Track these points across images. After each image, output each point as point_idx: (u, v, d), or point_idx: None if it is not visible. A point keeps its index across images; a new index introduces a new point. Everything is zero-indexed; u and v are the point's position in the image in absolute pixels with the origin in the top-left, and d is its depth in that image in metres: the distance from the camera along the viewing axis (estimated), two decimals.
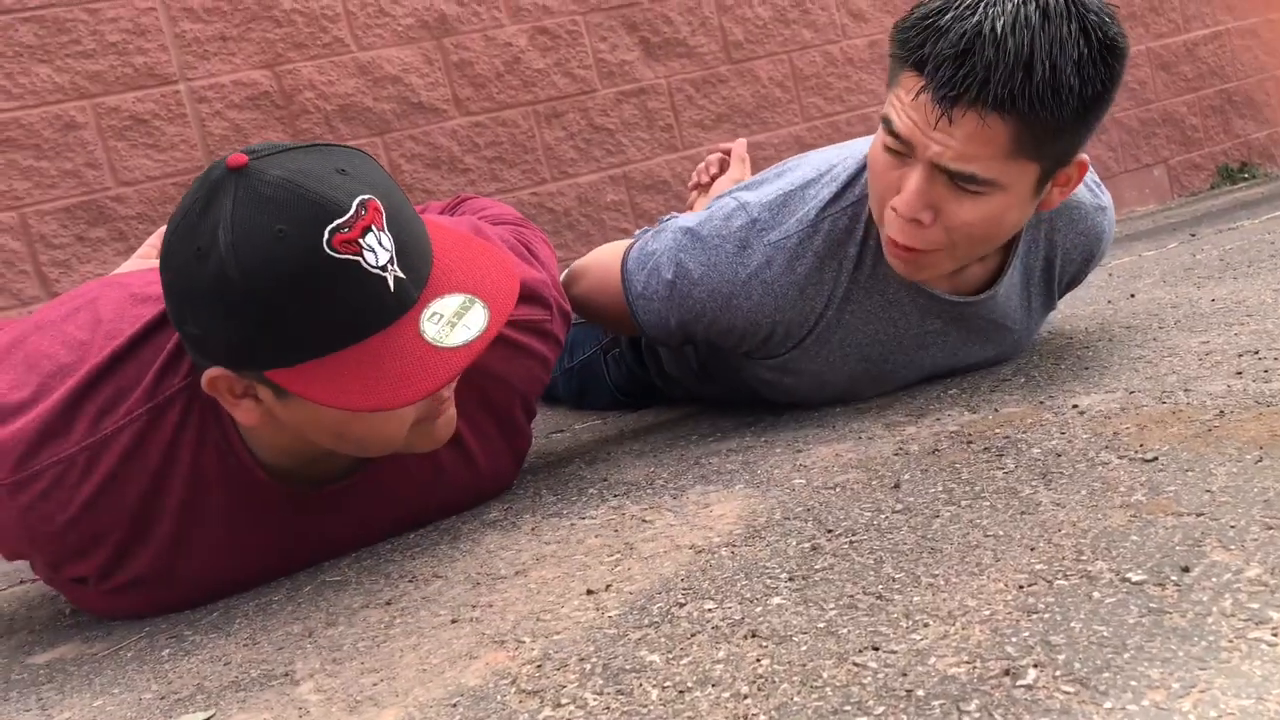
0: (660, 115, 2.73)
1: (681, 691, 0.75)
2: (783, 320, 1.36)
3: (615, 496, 1.26)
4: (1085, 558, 0.84)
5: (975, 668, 0.71)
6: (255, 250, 0.92)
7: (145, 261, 1.61)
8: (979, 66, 1.11)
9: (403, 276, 0.97)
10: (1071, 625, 0.74)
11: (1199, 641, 0.69)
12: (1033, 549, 0.87)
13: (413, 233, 1.00)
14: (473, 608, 0.99)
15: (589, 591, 0.97)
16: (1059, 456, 1.08)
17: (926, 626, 0.78)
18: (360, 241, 0.94)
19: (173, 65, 2.24)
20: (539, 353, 1.29)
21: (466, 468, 1.27)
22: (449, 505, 1.30)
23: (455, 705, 0.80)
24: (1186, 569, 0.79)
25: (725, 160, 1.89)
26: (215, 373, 1.00)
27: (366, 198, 0.96)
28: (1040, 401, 1.28)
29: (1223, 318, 1.51)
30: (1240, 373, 1.23)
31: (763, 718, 0.70)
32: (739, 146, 1.88)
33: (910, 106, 1.17)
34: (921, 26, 1.15)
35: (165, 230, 1.00)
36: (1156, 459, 1.02)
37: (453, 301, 0.99)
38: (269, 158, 0.96)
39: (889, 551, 0.93)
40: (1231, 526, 0.84)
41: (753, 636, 0.82)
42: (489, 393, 1.25)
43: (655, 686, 0.77)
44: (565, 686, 0.80)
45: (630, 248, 1.44)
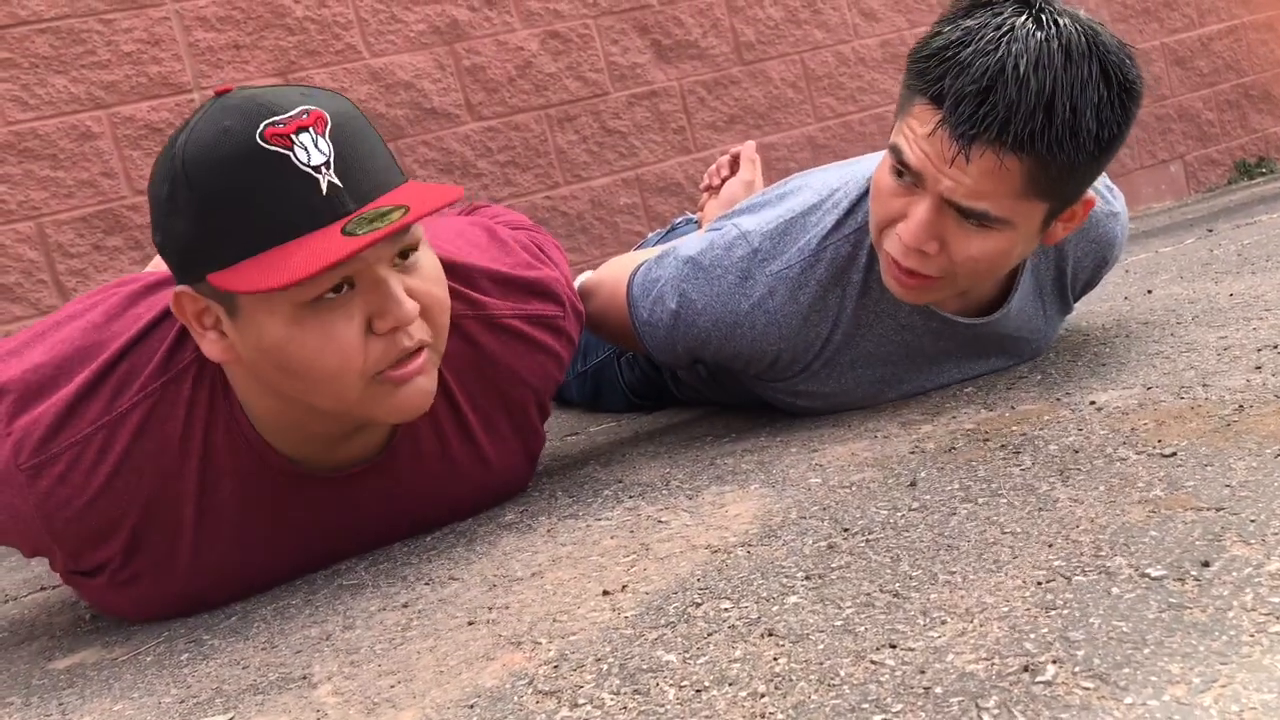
0: (672, 117, 2.73)
1: (699, 691, 0.75)
2: (788, 348, 1.35)
3: (630, 498, 1.26)
4: (1104, 554, 0.83)
5: (994, 664, 0.70)
6: (200, 144, 0.97)
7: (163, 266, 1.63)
8: (1000, 106, 1.09)
9: (338, 184, 0.98)
10: (1091, 621, 0.73)
11: (1220, 636, 0.68)
12: (1051, 545, 0.87)
13: (366, 154, 1.01)
14: (489, 609, 0.99)
15: (605, 592, 0.97)
16: (1076, 453, 1.07)
17: (944, 624, 0.77)
18: (292, 137, 0.97)
19: (187, 74, 2.26)
20: (552, 349, 1.29)
21: (479, 464, 1.27)
22: (462, 504, 1.30)
23: (473, 706, 0.80)
24: (1206, 564, 0.78)
25: (736, 162, 1.89)
26: (180, 290, 1.02)
27: (311, 107, 0.99)
28: (1057, 398, 1.28)
29: (1241, 312, 1.50)
30: (1259, 367, 1.22)
31: (780, 716, 0.70)
32: (748, 149, 1.87)
33: (925, 140, 1.14)
34: (942, 58, 1.13)
35: None
36: (1175, 454, 1.01)
37: (384, 209, 0.99)
38: (251, 87, 1.03)
39: (906, 549, 0.92)
40: (1251, 521, 0.83)
41: (769, 635, 0.81)
42: (503, 389, 1.25)
43: (672, 686, 0.77)
44: (582, 687, 0.79)
45: (635, 272, 1.43)
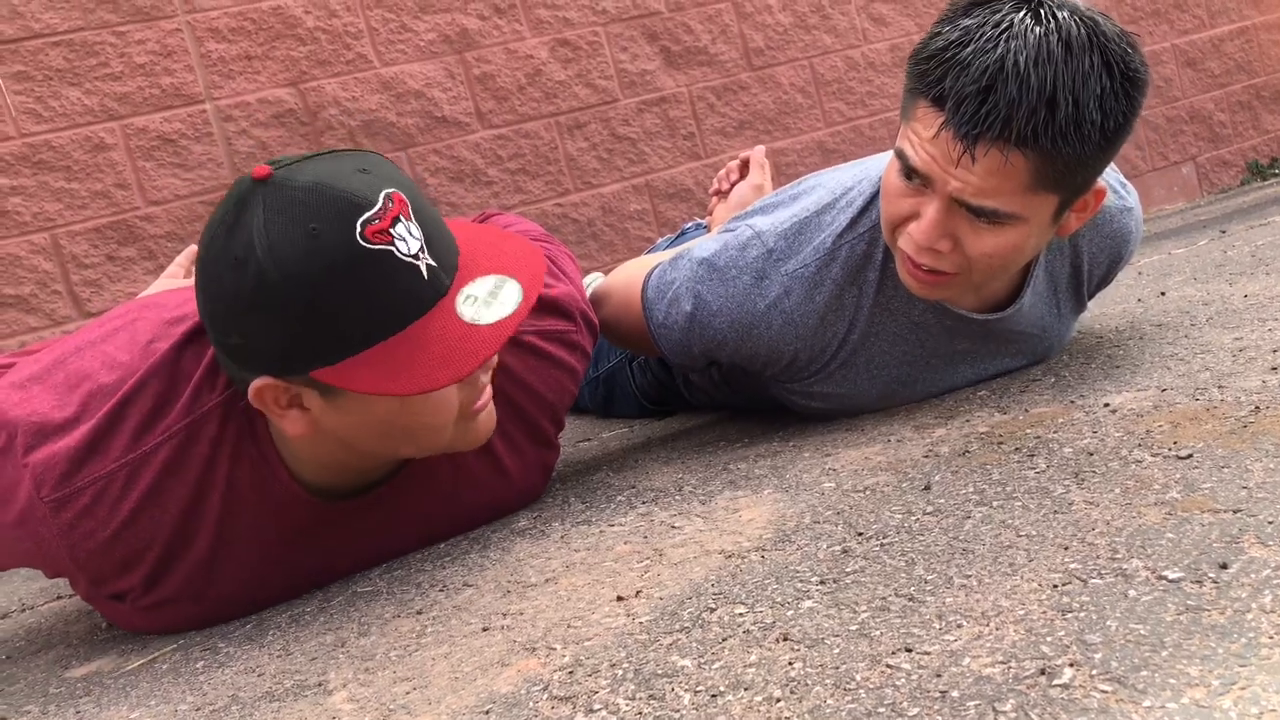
0: (682, 123, 2.74)
1: (714, 696, 0.75)
2: (805, 348, 1.35)
3: (644, 503, 1.26)
4: (1120, 556, 0.83)
5: (1010, 668, 0.70)
6: (292, 249, 0.94)
7: (173, 280, 1.63)
8: (1001, 103, 1.09)
9: (434, 264, 1.00)
10: (1108, 624, 0.73)
11: (1238, 638, 0.68)
12: (1066, 548, 0.86)
13: (436, 224, 1.04)
14: (503, 616, 0.99)
15: (619, 598, 0.97)
16: (1091, 455, 1.07)
17: (960, 627, 0.77)
18: (391, 231, 0.97)
19: (199, 85, 2.27)
20: (567, 364, 1.30)
21: (498, 477, 1.28)
22: (479, 516, 1.30)
23: (488, 713, 0.80)
24: (1224, 566, 0.77)
25: (745, 167, 1.89)
26: (261, 383, 1.01)
27: (391, 190, 0.99)
28: (1071, 401, 1.27)
29: (1256, 313, 1.50)
30: (1275, 368, 1.21)
31: None
32: (758, 153, 1.87)
33: (929, 143, 1.14)
34: (941, 60, 1.13)
35: (198, 250, 1.02)
36: (1191, 456, 1.00)
37: (485, 283, 1.02)
38: (291, 166, 0.98)
39: (920, 553, 0.92)
40: (1270, 522, 0.83)
41: (785, 640, 0.81)
42: (519, 403, 1.26)
43: (687, 691, 0.76)
44: (597, 692, 0.79)
45: (650, 275, 1.43)
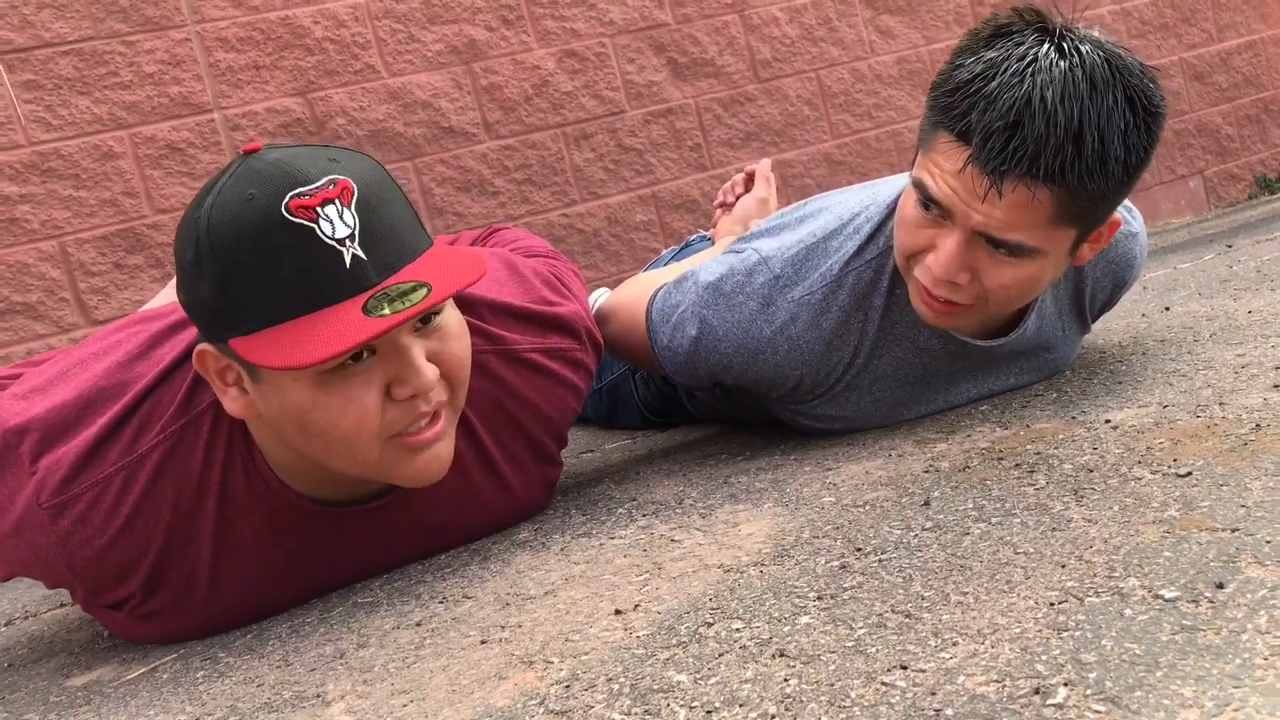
0: (688, 135, 2.74)
1: (709, 712, 0.75)
2: (810, 373, 1.35)
3: (644, 516, 1.26)
4: (1117, 574, 0.83)
5: (1005, 687, 0.70)
6: (225, 210, 0.97)
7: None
8: (1029, 140, 1.08)
9: (363, 256, 0.98)
10: (1103, 643, 0.73)
11: (1233, 659, 0.67)
12: (1064, 566, 0.86)
13: (390, 225, 1.01)
14: (502, 628, 0.99)
15: (617, 611, 0.97)
16: (1091, 472, 1.07)
17: (956, 645, 0.77)
18: (318, 210, 0.97)
19: (207, 94, 2.28)
20: (571, 381, 1.30)
21: (501, 493, 1.28)
22: (480, 530, 1.31)
23: None
24: (1221, 585, 0.77)
25: (751, 180, 1.89)
26: (202, 348, 1.03)
27: (338, 177, 0.99)
28: (1072, 416, 1.27)
29: (1259, 330, 1.49)
30: (1278, 385, 1.21)
31: None
32: (763, 167, 1.88)
33: (953, 177, 1.14)
34: (966, 93, 1.12)
35: None
36: (1190, 474, 1.00)
37: (407, 286, 0.99)
38: (279, 147, 1.02)
39: (918, 569, 0.92)
40: (1267, 542, 0.83)
41: (781, 656, 0.81)
42: (523, 421, 1.26)
43: (683, 707, 0.77)
44: (593, 707, 0.80)
45: (654, 296, 1.42)
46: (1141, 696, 0.65)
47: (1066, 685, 0.68)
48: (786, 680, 0.77)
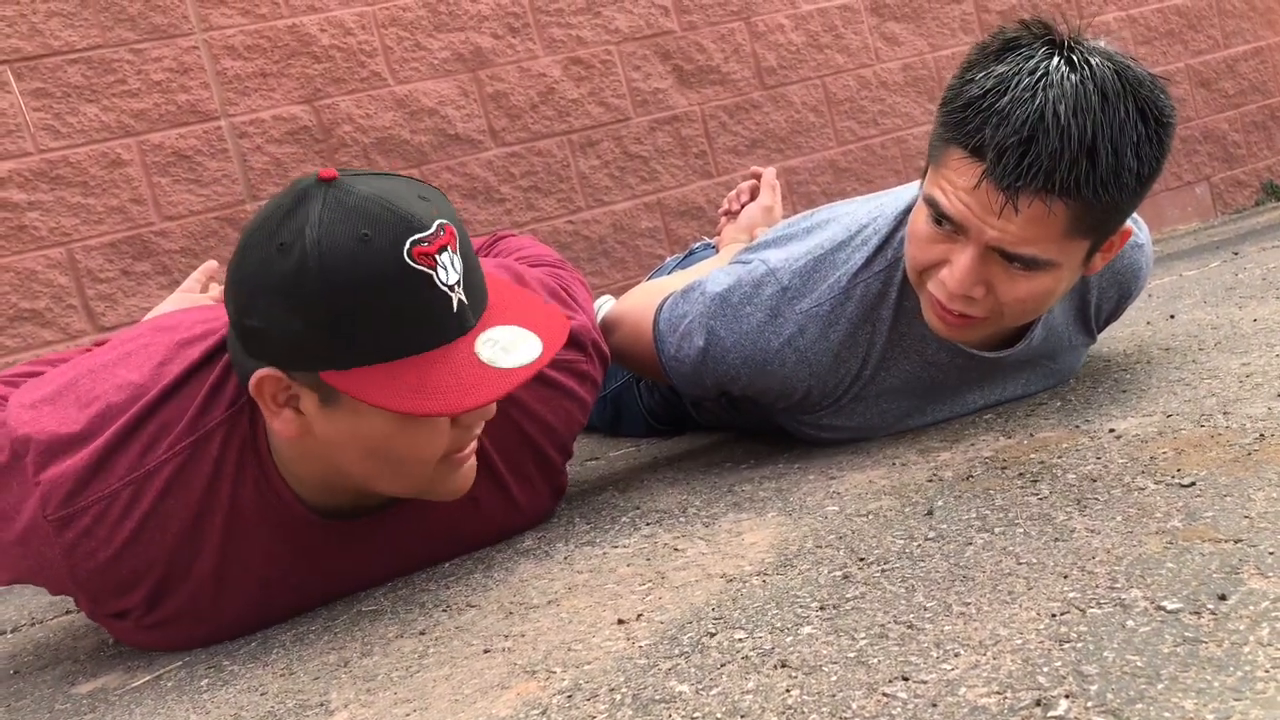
0: (694, 142, 2.75)
1: None
2: (818, 384, 1.35)
3: (648, 525, 1.26)
4: (1119, 585, 0.83)
5: (1006, 698, 0.70)
6: (339, 248, 0.96)
7: (187, 296, 1.65)
8: (1044, 155, 1.08)
9: (465, 301, 1.02)
10: (1105, 655, 0.73)
11: (1235, 672, 0.67)
12: (1066, 577, 0.86)
13: (474, 266, 1.06)
14: (505, 637, 1.00)
15: (620, 621, 0.97)
16: (1094, 482, 1.07)
17: (957, 656, 0.77)
18: (436, 257, 0.99)
19: (214, 102, 2.29)
20: (577, 394, 1.31)
21: (506, 503, 1.29)
22: (486, 539, 1.31)
23: None
24: (1223, 597, 0.77)
25: (756, 188, 1.89)
26: (265, 373, 1.02)
27: (444, 221, 1.01)
28: (1076, 425, 1.27)
29: (1265, 338, 1.49)
30: None
31: None
32: (769, 175, 1.88)
33: (967, 193, 1.14)
34: (978, 109, 1.12)
35: (243, 232, 1.04)
36: (1194, 484, 1.00)
37: (507, 331, 1.04)
38: (357, 176, 1.02)
39: (921, 580, 0.92)
40: (1270, 553, 0.83)
41: (783, 666, 0.81)
42: (528, 433, 1.27)
43: (685, 717, 0.77)
44: (595, 717, 0.80)
45: (661, 306, 1.42)
46: (1143, 709, 0.65)
47: (1068, 697, 0.68)
48: (788, 691, 0.77)
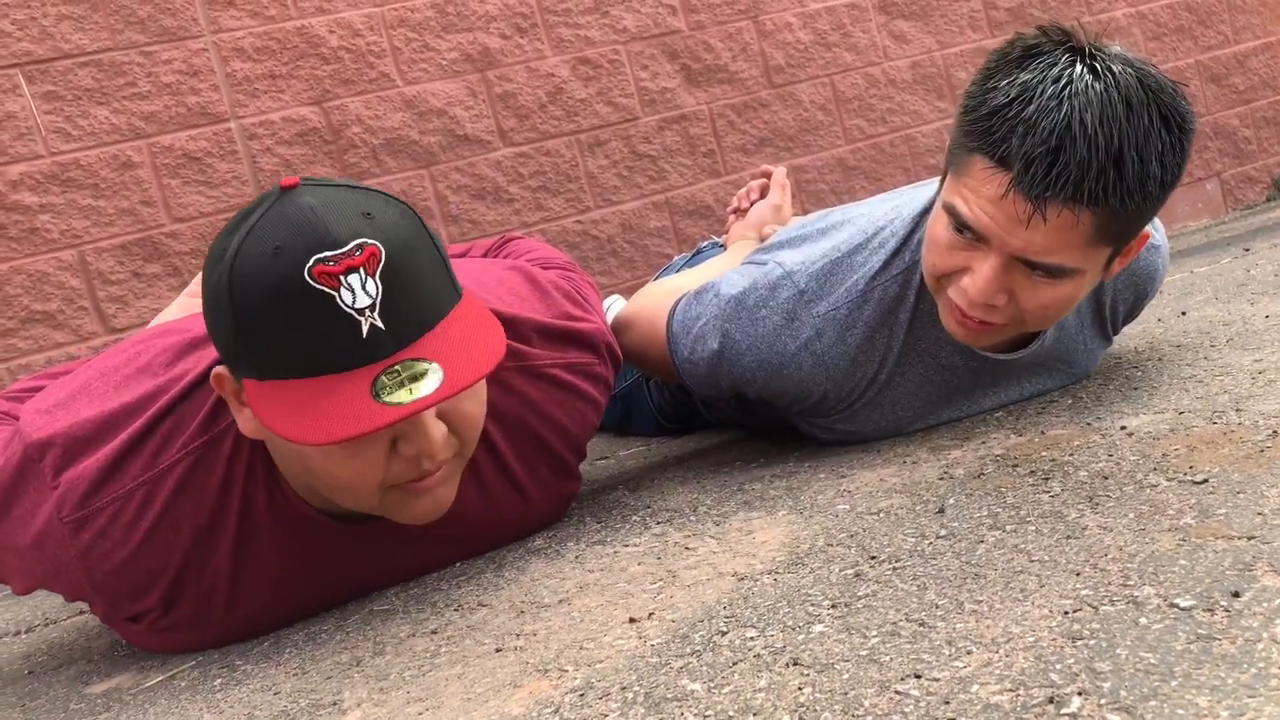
0: (702, 141, 2.75)
1: None
2: (834, 388, 1.35)
3: (659, 523, 1.26)
4: (1132, 583, 0.83)
5: (1018, 696, 0.70)
6: (250, 261, 0.96)
7: (193, 301, 1.65)
8: (1072, 165, 1.08)
9: (381, 327, 0.96)
10: (1117, 652, 0.73)
11: (1248, 668, 0.67)
12: (1078, 574, 0.86)
13: (414, 293, 0.99)
14: (517, 636, 1.00)
15: (631, 620, 0.97)
16: (1106, 479, 1.06)
17: (969, 654, 0.77)
18: (340, 278, 0.95)
19: (224, 104, 2.30)
20: (590, 396, 1.31)
21: (521, 506, 1.29)
22: (497, 541, 1.31)
23: None
24: (1237, 594, 0.77)
25: (765, 186, 1.89)
26: (221, 370, 1.04)
27: (367, 242, 0.96)
28: (1087, 423, 1.27)
29: (1277, 334, 1.49)
30: None
31: None
32: (779, 174, 1.88)
33: (993, 202, 1.13)
34: (1003, 118, 1.11)
35: None
36: (1207, 481, 1.00)
37: (419, 365, 0.97)
38: (315, 187, 1.00)
39: (932, 578, 0.92)
40: None
41: (794, 665, 0.81)
42: (543, 435, 1.27)
43: (697, 715, 0.77)
44: (607, 716, 0.80)
45: (675, 308, 1.42)
46: (1156, 706, 0.65)
47: (1081, 694, 0.68)
48: (800, 689, 0.77)
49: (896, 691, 0.74)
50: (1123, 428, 1.22)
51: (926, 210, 1.32)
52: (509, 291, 1.30)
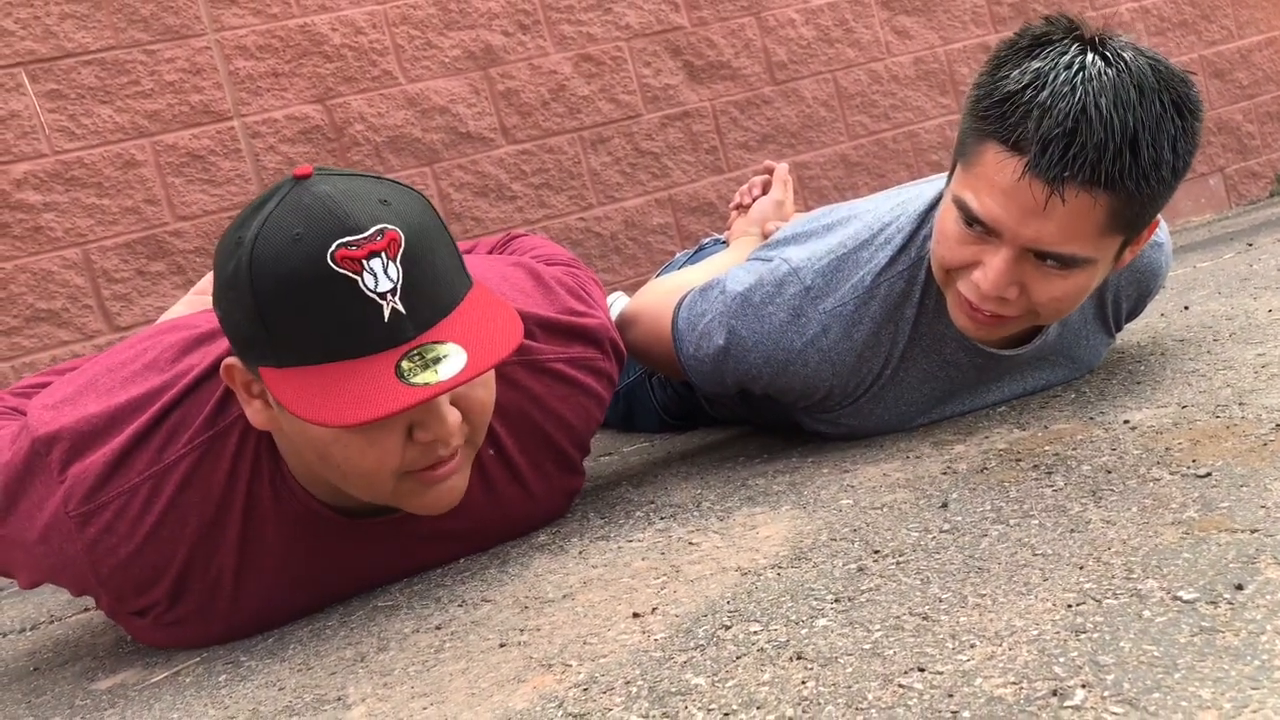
0: (705, 138, 2.74)
1: (727, 715, 0.75)
2: (840, 384, 1.35)
3: (662, 519, 1.26)
4: (1135, 576, 0.83)
5: (1022, 688, 0.70)
6: (270, 246, 0.96)
7: (199, 299, 1.66)
8: (1089, 146, 1.08)
9: (402, 311, 0.97)
10: (1121, 645, 0.73)
11: (1252, 661, 0.67)
12: (1082, 568, 0.86)
13: (433, 278, 1.00)
14: (520, 631, 1.00)
15: (635, 614, 0.97)
16: (1109, 473, 1.06)
17: (973, 647, 0.77)
18: (363, 262, 0.96)
19: (227, 102, 2.30)
20: (594, 390, 1.31)
21: (525, 502, 1.29)
22: (501, 536, 1.31)
23: None
24: (1240, 587, 0.77)
25: (768, 182, 1.89)
26: (231, 361, 1.04)
27: (387, 227, 0.97)
28: (1090, 417, 1.27)
29: None
30: None
31: None
32: (781, 170, 1.88)
33: (1004, 191, 1.12)
34: (1018, 103, 1.11)
35: None
36: (1210, 474, 1.00)
37: (440, 347, 0.98)
38: (329, 176, 1.00)
39: (936, 572, 0.92)
40: None
41: (798, 658, 0.81)
42: (547, 430, 1.27)
43: (701, 709, 0.77)
44: (611, 710, 0.80)
45: (680, 304, 1.42)
46: (1160, 698, 0.65)
47: (1084, 687, 0.68)
48: (804, 683, 0.77)
49: (900, 685, 0.74)
50: (1126, 422, 1.22)
51: (932, 206, 1.32)
52: (513, 287, 1.30)
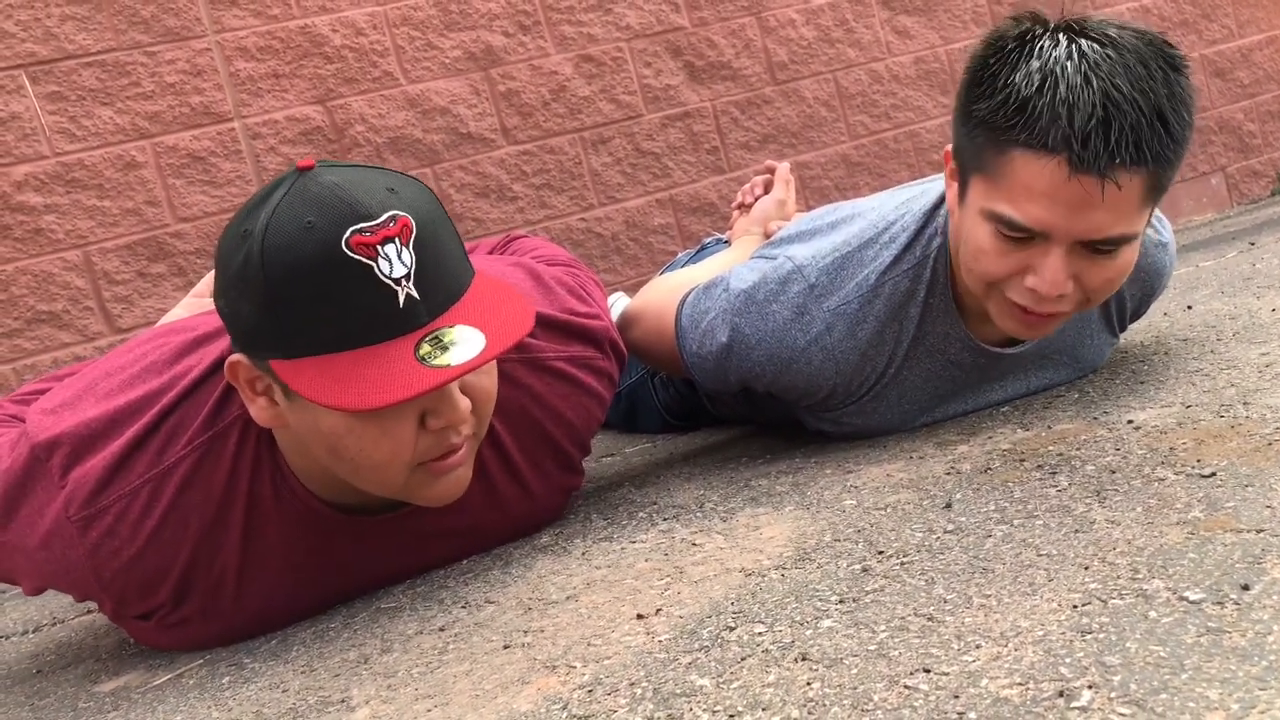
0: (706, 138, 2.74)
1: (732, 716, 0.75)
2: (843, 383, 1.35)
3: (665, 520, 1.26)
4: (1141, 576, 0.82)
5: (1028, 689, 0.70)
6: (281, 235, 0.96)
7: (198, 302, 1.65)
8: (1126, 128, 1.08)
9: (416, 296, 0.98)
10: (1127, 645, 0.72)
11: (1259, 661, 0.67)
12: (1087, 568, 0.86)
13: (443, 264, 1.01)
14: (524, 633, 1.00)
15: (639, 616, 0.97)
16: (1113, 473, 1.06)
17: (979, 648, 0.77)
18: (377, 248, 0.96)
19: (228, 103, 2.30)
20: (594, 389, 1.31)
21: (525, 500, 1.29)
22: (502, 537, 1.31)
23: None
24: (1246, 587, 0.77)
25: (769, 182, 1.89)
26: (236, 358, 1.03)
27: (399, 213, 0.98)
28: (1094, 417, 1.27)
29: None
30: None
31: None
32: (783, 170, 1.87)
33: (1047, 195, 1.11)
34: (1038, 106, 1.10)
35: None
36: (1214, 474, 1.00)
37: (456, 330, 0.99)
38: (334, 167, 1.01)
39: (940, 572, 0.92)
40: None
41: (803, 659, 0.81)
42: (547, 429, 1.27)
43: (705, 711, 0.77)
44: (616, 711, 0.80)
45: (683, 302, 1.42)
46: (1166, 699, 0.65)
47: (1091, 688, 0.68)
48: (809, 684, 0.77)
49: (905, 686, 0.74)
50: (1130, 422, 1.22)
51: (937, 205, 1.31)
52: (513, 286, 1.30)
